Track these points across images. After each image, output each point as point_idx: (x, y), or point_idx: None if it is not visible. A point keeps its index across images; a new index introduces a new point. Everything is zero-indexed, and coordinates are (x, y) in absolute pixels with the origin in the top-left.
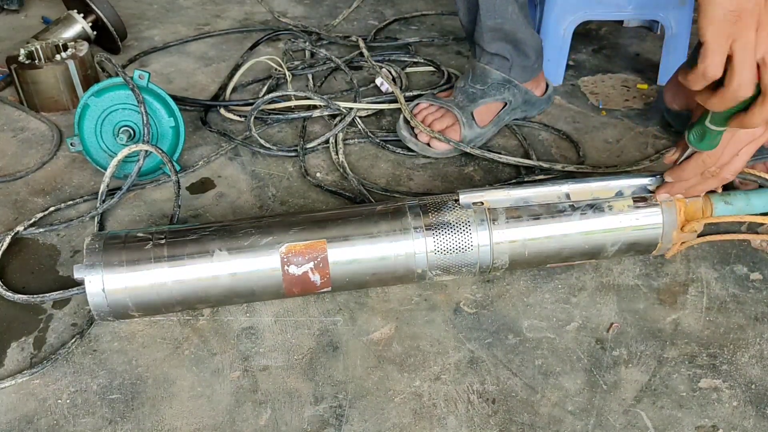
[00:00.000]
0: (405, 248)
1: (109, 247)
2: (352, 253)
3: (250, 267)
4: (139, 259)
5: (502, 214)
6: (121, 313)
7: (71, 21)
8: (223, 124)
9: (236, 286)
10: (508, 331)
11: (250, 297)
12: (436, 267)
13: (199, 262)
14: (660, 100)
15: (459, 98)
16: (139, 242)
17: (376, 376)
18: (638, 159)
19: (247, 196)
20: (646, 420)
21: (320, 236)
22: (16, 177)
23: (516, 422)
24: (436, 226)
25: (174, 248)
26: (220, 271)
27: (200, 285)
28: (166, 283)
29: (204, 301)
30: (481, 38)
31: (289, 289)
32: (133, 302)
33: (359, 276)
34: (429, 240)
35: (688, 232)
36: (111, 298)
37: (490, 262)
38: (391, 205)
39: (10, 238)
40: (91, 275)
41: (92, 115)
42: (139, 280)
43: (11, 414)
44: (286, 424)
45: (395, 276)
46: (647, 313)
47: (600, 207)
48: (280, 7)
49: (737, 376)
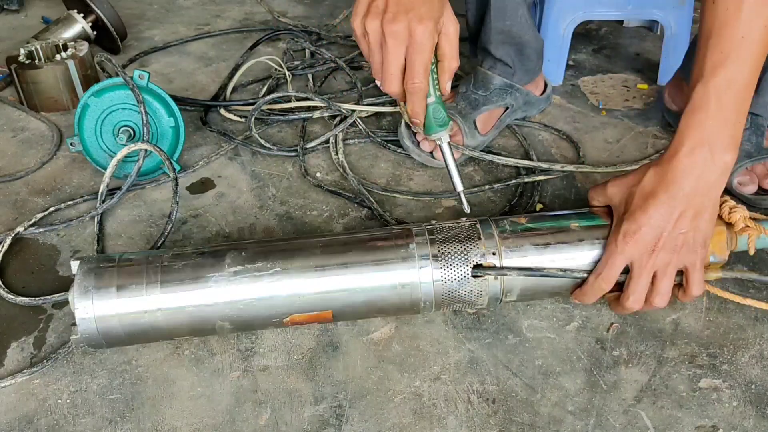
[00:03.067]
0: (410, 278)
1: (100, 272)
2: (358, 307)
3: (251, 313)
4: (133, 298)
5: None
6: (114, 343)
7: (71, 21)
8: (223, 124)
9: (235, 324)
10: (508, 331)
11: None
12: (442, 298)
13: (198, 308)
14: (660, 100)
15: (461, 105)
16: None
17: (376, 376)
18: (638, 159)
19: (247, 196)
20: (646, 420)
21: (325, 303)
22: (16, 177)
23: (516, 422)
24: (443, 256)
25: (167, 285)
26: (221, 317)
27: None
28: (158, 321)
29: (203, 333)
30: (488, 41)
31: (290, 326)
32: (127, 334)
33: (363, 314)
34: (436, 272)
35: (709, 279)
36: (101, 328)
37: (500, 293)
38: (399, 239)
39: (10, 239)
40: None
41: (92, 115)
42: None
43: (11, 414)
44: (286, 424)
45: (401, 309)
46: (647, 313)
47: None
48: (280, 7)
49: (737, 376)
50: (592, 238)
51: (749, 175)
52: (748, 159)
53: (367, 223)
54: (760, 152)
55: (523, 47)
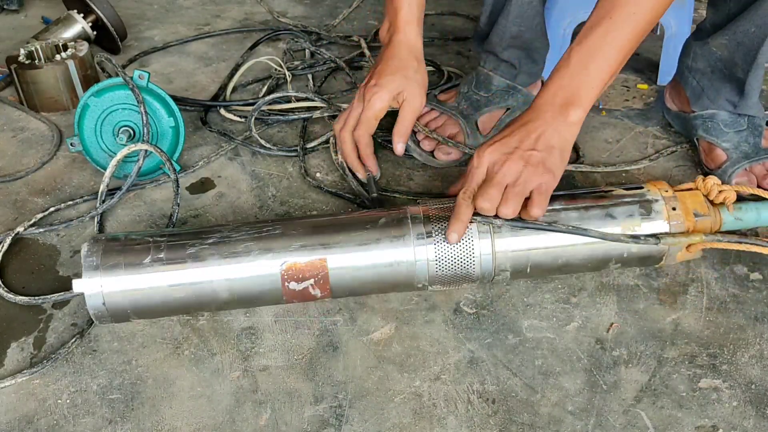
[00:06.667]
0: (406, 256)
1: (108, 250)
2: (354, 265)
3: (250, 281)
4: (138, 264)
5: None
6: (120, 317)
7: (71, 21)
8: (223, 124)
9: (235, 295)
10: (508, 331)
11: (248, 305)
12: (436, 277)
13: (197, 273)
14: (660, 100)
15: (462, 105)
16: (138, 245)
17: (376, 376)
18: (638, 159)
19: (247, 196)
20: (646, 420)
21: (321, 253)
22: (16, 177)
23: (516, 422)
24: (437, 233)
25: (172, 255)
26: (220, 283)
27: (200, 290)
28: (163, 288)
29: (202, 308)
30: (498, 43)
31: (289, 299)
32: (132, 308)
33: (360, 287)
34: (430, 248)
35: (694, 251)
36: (109, 301)
37: (492, 271)
38: (393, 213)
39: (10, 239)
40: (90, 279)
41: (92, 115)
42: (137, 284)
43: (11, 414)
44: (286, 424)
45: (396, 285)
46: (647, 313)
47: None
48: (280, 7)
49: (737, 376)
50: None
51: (748, 176)
52: (746, 160)
53: None
54: (758, 153)
55: (531, 52)
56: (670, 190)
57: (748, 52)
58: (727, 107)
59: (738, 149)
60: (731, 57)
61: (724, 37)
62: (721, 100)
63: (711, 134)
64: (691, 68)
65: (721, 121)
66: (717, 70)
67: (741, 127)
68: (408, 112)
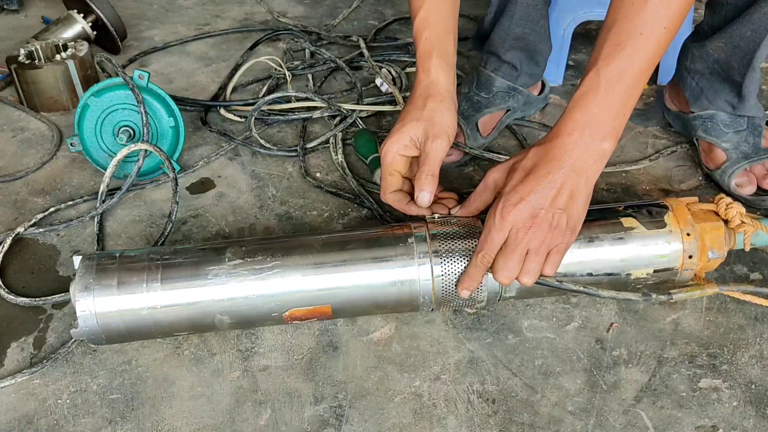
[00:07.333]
0: (411, 300)
1: (101, 271)
2: (357, 306)
3: (250, 312)
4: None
5: None
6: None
7: (71, 21)
8: (223, 124)
9: (235, 323)
10: (508, 331)
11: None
12: (440, 305)
13: (195, 310)
14: (660, 100)
15: (463, 106)
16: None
17: (376, 376)
18: (638, 159)
19: (247, 196)
20: (646, 420)
21: (324, 299)
22: (16, 177)
23: (516, 422)
24: (446, 272)
25: (167, 281)
26: (221, 319)
27: (198, 321)
28: (158, 317)
29: (198, 332)
30: (501, 44)
31: (289, 323)
32: (127, 330)
33: (361, 311)
34: (436, 269)
35: (706, 271)
36: (102, 323)
37: (498, 294)
38: (400, 249)
39: (10, 239)
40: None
41: (92, 115)
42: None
43: (11, 414)
44: (286, 424)
45: (401, 306)
46: (647, 313)
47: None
48: (280, 7)
49: (737, 376)
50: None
51: (747, 176)
52: (746, 160)
53: (367, 224)
54: (757, 153)
55: (534, 53)
56: (691, 219)
57: (744, 56)
58: (726, 108)
59: (738, 149)
60: (728, 60)
61: (721, 40)
62: (719, 101)
63: (711, 134)
64: (689, 69)
65: (721, 121)
66: (715, 72)
67: (740, 128)
68: (425, 160)
